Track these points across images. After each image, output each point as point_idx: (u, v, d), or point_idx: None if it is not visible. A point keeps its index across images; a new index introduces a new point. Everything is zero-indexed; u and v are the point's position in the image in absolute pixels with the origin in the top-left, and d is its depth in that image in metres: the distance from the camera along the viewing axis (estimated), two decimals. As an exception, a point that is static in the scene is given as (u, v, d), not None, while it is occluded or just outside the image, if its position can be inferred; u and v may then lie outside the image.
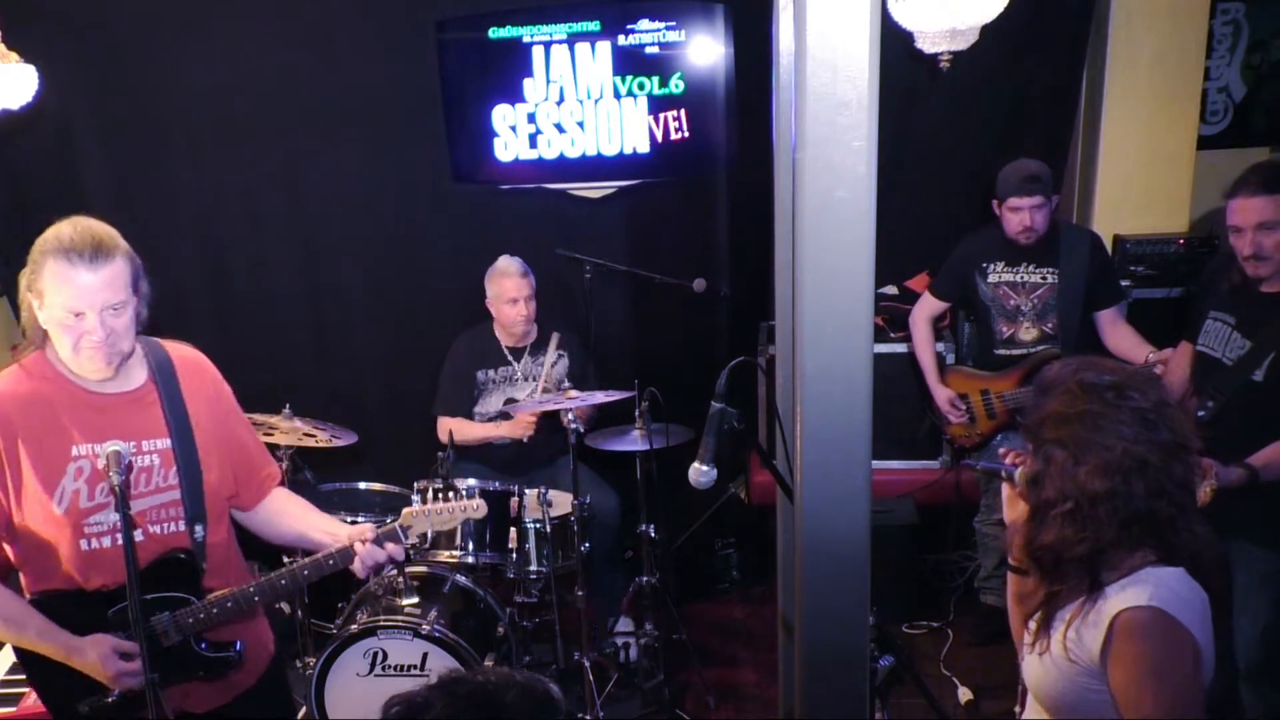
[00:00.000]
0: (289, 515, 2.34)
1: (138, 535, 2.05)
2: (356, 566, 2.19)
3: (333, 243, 4.42)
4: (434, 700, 1.09)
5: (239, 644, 2.19)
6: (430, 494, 3.24)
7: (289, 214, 4.36)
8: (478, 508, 2.40)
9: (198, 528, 2.12)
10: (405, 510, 2.27)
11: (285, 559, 3.07)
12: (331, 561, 2.18)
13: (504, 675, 1.12)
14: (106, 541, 2.04)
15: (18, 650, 2.13)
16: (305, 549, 2.32)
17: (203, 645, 2.16)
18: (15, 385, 2.02)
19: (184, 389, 2.13)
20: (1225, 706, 2.78)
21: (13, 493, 2.00)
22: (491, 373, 3.87)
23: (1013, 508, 1.78)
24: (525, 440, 3.73)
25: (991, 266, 3.59)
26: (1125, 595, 1.56)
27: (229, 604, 2.13)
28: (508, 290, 3.77)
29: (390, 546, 2.21)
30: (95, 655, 2.02)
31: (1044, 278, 3.51)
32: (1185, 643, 1.52)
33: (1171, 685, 1.50)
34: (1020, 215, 3.45)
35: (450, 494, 3.17)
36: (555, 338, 3.88)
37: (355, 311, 4.52)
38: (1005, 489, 1.80)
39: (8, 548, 2.08)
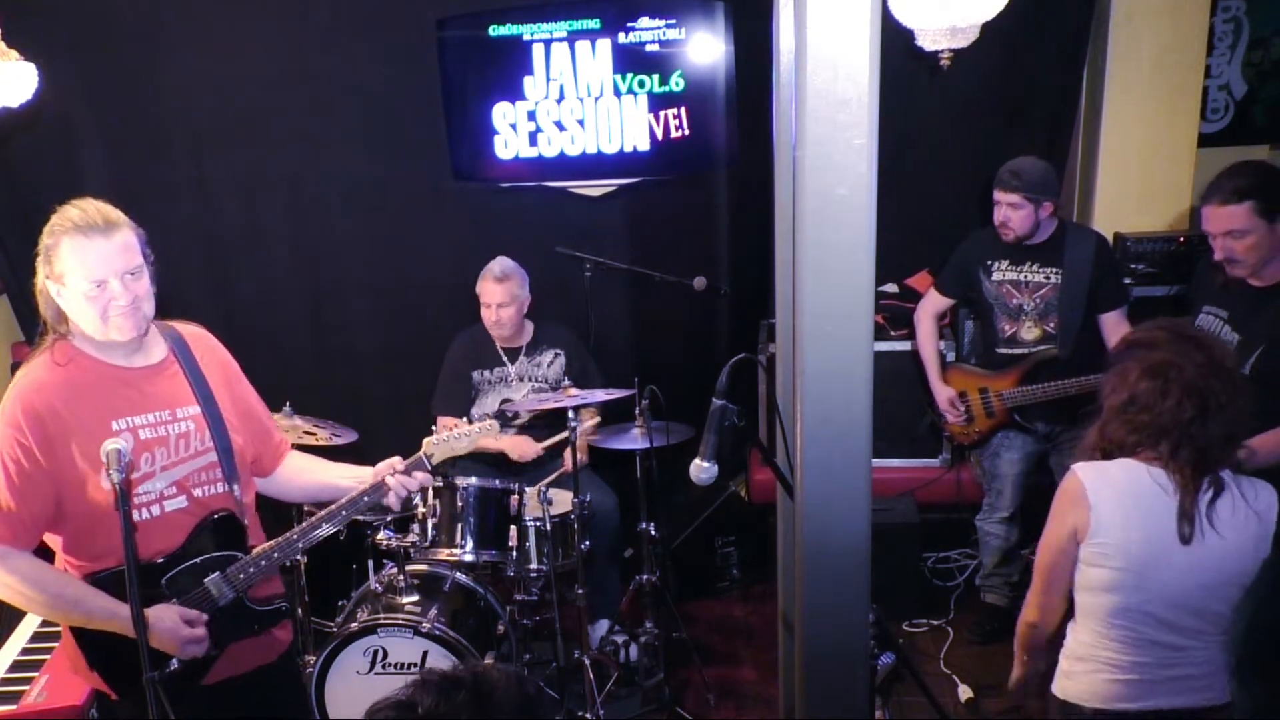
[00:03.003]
0: (310, 471, 2.43)
1: (182, 501, 2.13)
2: (390, 500, 2.26)
3: (333, 242, 4.42)
4: (419, 698, 1.09)
5: (283, 597, 2.30)
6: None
7: (289, 214, 4.36)
8: (490, 427, 2.44)
9: (235, 487, 2.20)
10: (425, 440, 2.35)
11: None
12: (366, 498, 2.26)
13: (486, 668, 1.13)
14: (155, 510, 2.11)
15: (75, 633, 2.15)
16: (330, 500, 2.35)
17: (253, 601, 2.23)
18: (47, 374, 2.06)
19: (200, 361, 2.22)
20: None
21: (58, 478, 2.03)
22: (487, 373, 3.86)
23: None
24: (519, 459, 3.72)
25: (996, 264, 3.59)
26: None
27: (275, 554, 2.21)
28: (483, 294, 3.78)
29: (419, 475, 2.29)
30: (166, 625, 2.07)
31: (1047, 277, 3.51)
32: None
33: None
34: (998, 209, 3.48)
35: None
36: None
37: (355, 311, 4.51)
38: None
39: (55, 537, 2.11)
